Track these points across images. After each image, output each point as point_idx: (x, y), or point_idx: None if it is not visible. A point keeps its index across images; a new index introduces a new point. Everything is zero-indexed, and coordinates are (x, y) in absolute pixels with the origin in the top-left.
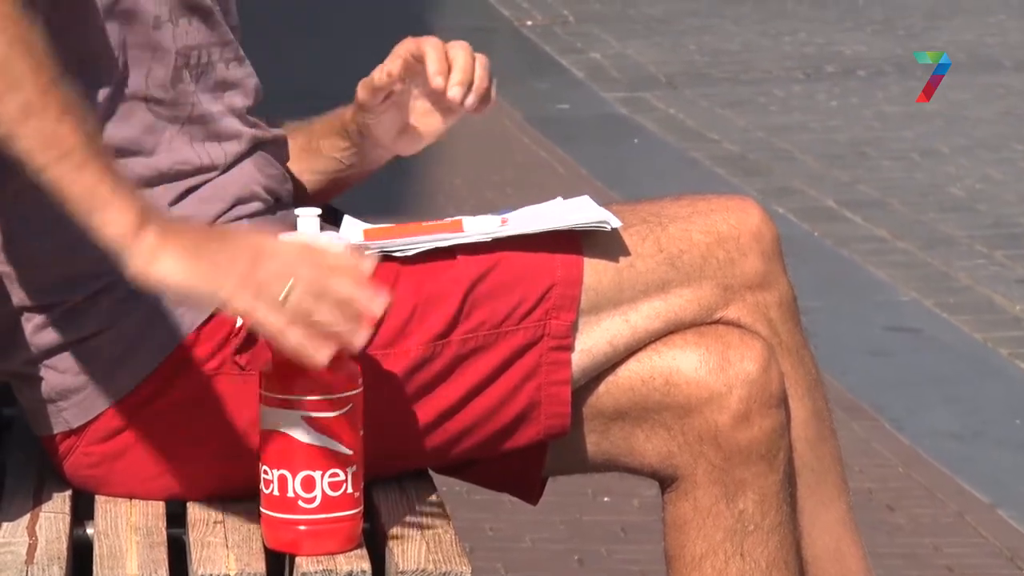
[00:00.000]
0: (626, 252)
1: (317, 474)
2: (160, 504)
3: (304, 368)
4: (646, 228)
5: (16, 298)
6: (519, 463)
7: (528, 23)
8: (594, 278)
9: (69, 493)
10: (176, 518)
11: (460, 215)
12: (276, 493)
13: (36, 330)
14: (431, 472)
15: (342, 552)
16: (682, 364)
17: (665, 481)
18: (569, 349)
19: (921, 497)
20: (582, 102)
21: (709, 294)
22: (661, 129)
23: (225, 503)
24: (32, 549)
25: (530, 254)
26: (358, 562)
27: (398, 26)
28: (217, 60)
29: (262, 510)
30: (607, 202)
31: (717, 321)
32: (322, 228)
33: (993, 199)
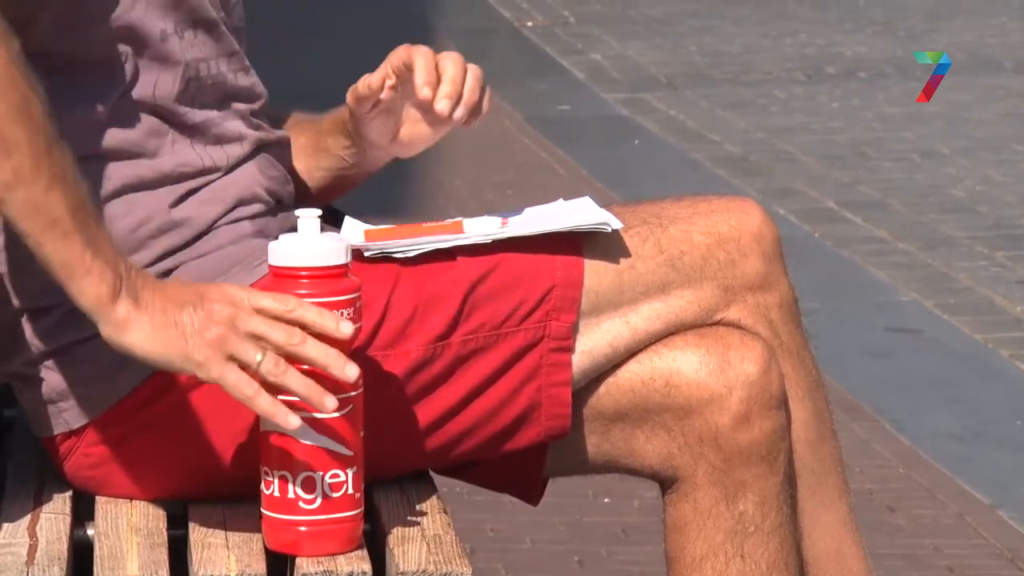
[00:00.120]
0: (627, 253)
1: (318, 475)
2: (161, 505)
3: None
4: (647, 229)
5: (16, 299)
6: (520, 464)
7: (528, 24)
8: (594, 279)
9: (69, 494)
10: (177, 519)
11: (460, 216)
12: (276, 494)
13: (36, 331)
14: (432, 473)
15: (343, 553)
16: (682, 365)
17: (665, 482)
18: (569, 350)
19: (922, 498)
20: (583, 103)
21: (710, 295)
22: (662, 130)
23: (226, 504)
24: (33, 550)
25: (530, 255)
26: (359, 563)
27: (398, 26)
28: (225, 71)
29: (262, 511)
30: (608, 203)
31: (718, 322)
32: (322, 229)
33: (994, 200)
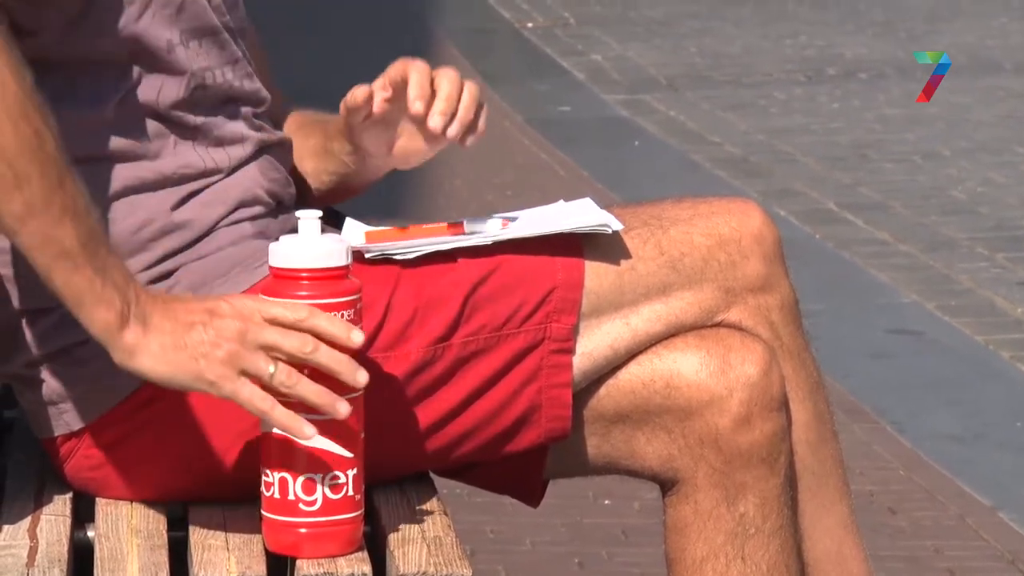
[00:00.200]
0: (627, 255)
1: (318, 477)
2: (161, 506)
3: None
4: (647, 231)
5: (17, 301)
6: (520, 466)
7: (529, 25)
8: (595, 281)
9: (70, 496)
10: (177, 521)
11: (461, 217)
12: (277, 496)
13: (37, 332)
14: (432, 474)
15: (343, 555)
16: (683, 367)
17: (666, 484)
18: (570, 352)
19: (922, 500)
20: (583, 104)
21: (710, 297)
22: (662, 131)
23: (226, 506)
24: (33, 552)
25: (531, 257)
26: (359, 565)
27: (398, 26)
28: (231, 79)
29: (263, 513)
30: (608, 204)
31: (718, 324)
32: (323, 231)
33: (995, 202)
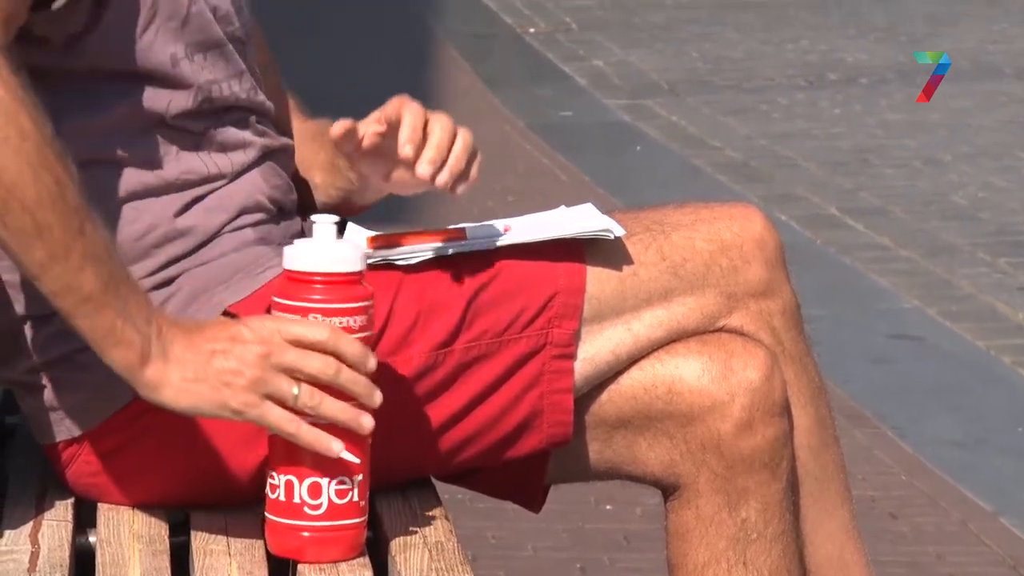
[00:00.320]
0: (629, 260)
1: (324, 481)
2: (163, 512)
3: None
4: (649, 236)
5: (19, 306)
6: (521, 471)
7: (531, 30)
8: (597, 286)
9: (71, 501)
10: (179, 526)
11: (462, 223)
12: (282, 498)
13: (38, 338)
14: (434, 480)
15: (345, 560)
16: (685, 372)
17: (667, 489)
18: (572, 357)
19: (924, 505)
20: (584, 109)
21: (712, 302)
22: (664, 136)
23: (228, 511)
24: (35, 557)
25: (533, 262)
26: (361, 570)
27: (400, 31)
28: (238, 91)
29: (267, 515)
30: (610, 210)
31: (720, 329)
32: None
33: (996, 207)
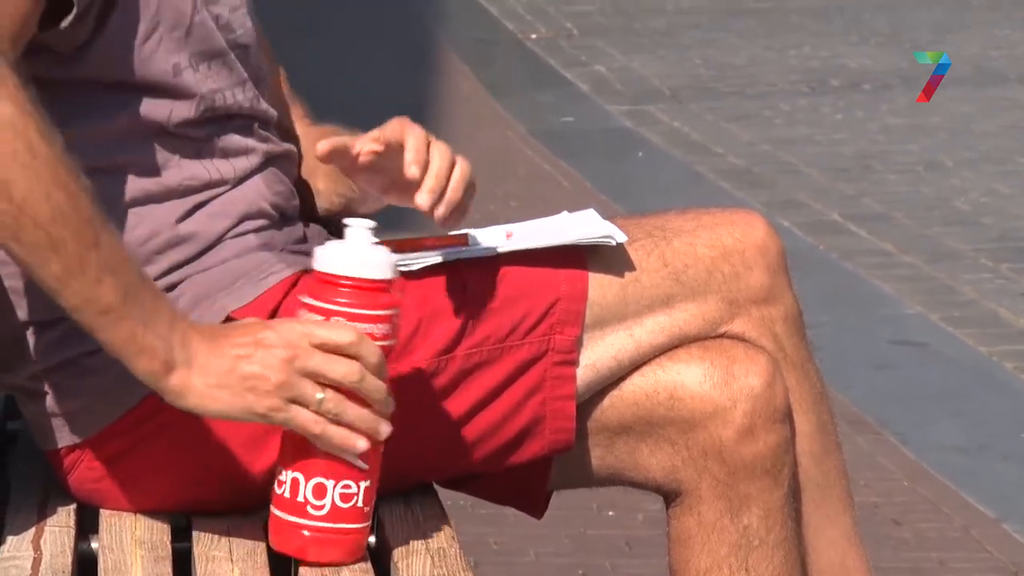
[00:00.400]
0: (631, 267)
1: (330, 483)
2: (165, 518)
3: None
4: (651, 242)
5: (22, 312)
6: (524, 477)
7: (532, 36)
8: (599, 293)
9: (74, 507)
10: (181, 532)
11: (464, 229)
12: (287, 495)
13: (41, 344)
14: (436, 486)
15: (345, 564)
16: (687, 378)
17: (669, 496)
18: (574, 364)
19: (926, 511)
20: (586, 115)
21: (714, 308)
22: (666, 143)
23: (230, 517)
24: (37, 563)
25: (535, 269)
26: None
27: (399, 32)
28: (241, 100)
29: (271, 510)
30: (612, 216)
31: (722, 335)
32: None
33: (998, 212)
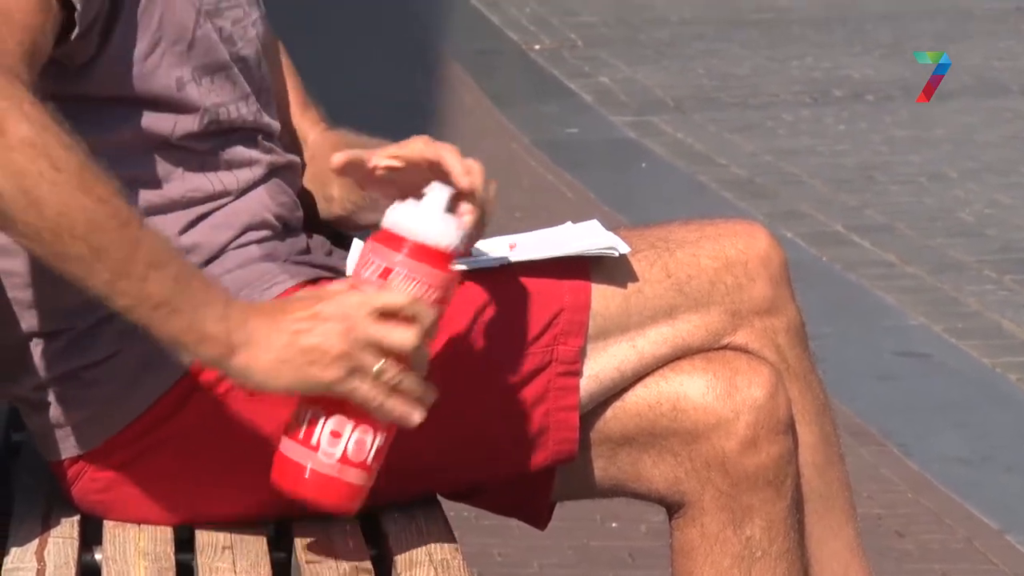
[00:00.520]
0: (634, 278)
1: (347, 429)
2: (168, 529)
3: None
4: (654, 253)
5: (26, 324)
6: (527, 488)
7: (536, 47)
8: (602, 304)
9: (77, 518)
10: (185, 543)
11: None
12: (302, 434)
13: (45, 355)
14: (439, 497)
15: (336, 513)
16: (689, 390)
17: (672, 507)
18: (577, 375)
19: (930, 523)
20: (590, 126)
21: (717, 319)
22: (669, 153)
23: (233, 528)
24: (40, 574)
25: (538, 280)
26: None
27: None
28: (245, 113)
29: (281, 447)
30: (615, 226)
31: (725, 347)
32: (331, 252)
33: (1002, 224)
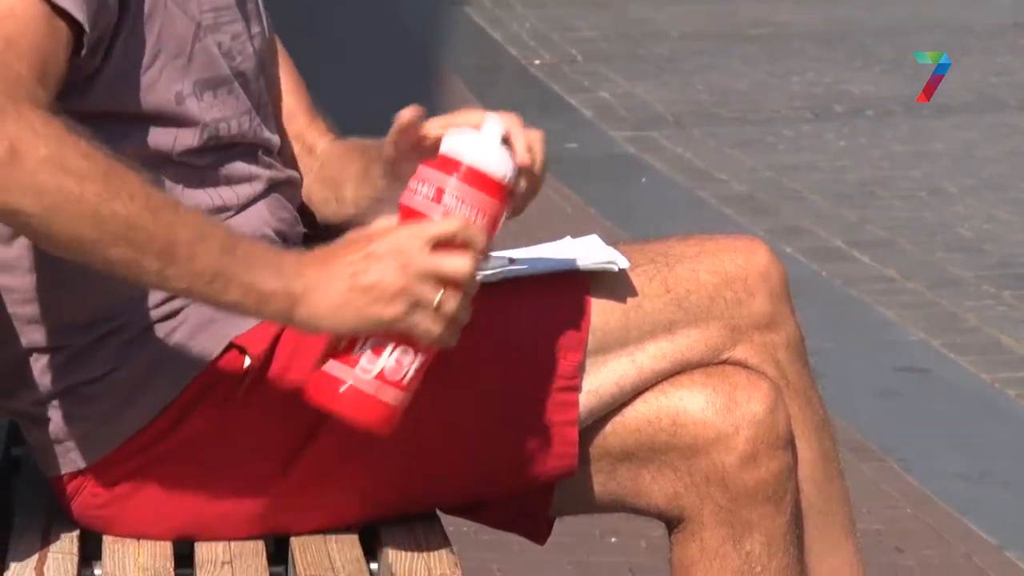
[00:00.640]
0: (633, 292)
1: (388, 347)
2: (168, 544)
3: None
4: (653, 268)
5: (26, 339)
6: (526, 503)
7: (536, 62)
8: (601, 318)
9: (77, 533)
10: (184, 558)
11: None
12: (343, 346)
13: (44, 371)
14: (439, 512)
15: (368, 429)
16: (689, 405)
17: (672, 522)
18: (576, 390)
19: (929, 539)
20: (590, 141)
21: (716, 335)
22: (669, 168)
23: (233, 543)
24: None
25: (537, 294)
26: None
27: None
28: (246, 129)
29: (320, 362)
30: (615, 241)
31: (724, 362)
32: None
33: (1000, 239)
